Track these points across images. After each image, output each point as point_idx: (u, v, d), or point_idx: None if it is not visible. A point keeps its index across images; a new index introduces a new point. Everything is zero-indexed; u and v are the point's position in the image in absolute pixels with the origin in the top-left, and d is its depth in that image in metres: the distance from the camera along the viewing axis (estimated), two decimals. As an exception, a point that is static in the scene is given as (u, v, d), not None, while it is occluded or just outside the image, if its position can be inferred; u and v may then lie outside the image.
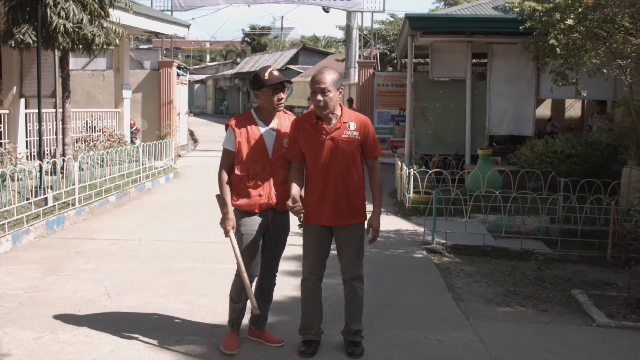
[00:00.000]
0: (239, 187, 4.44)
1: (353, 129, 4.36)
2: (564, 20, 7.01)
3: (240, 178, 4.42)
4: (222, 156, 4.51)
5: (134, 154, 11.92)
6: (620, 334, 5.36)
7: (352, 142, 4.34)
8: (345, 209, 4.38)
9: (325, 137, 4.32)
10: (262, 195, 4.42)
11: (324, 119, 4.33)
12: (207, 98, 45.44)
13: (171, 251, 7.52)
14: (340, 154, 4.31)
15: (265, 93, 4.41)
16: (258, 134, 4.44)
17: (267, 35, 49.82)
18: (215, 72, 43.51)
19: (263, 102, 4.47)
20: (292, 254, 7.38)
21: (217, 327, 5.09)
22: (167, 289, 6.06)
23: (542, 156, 10.77)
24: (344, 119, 4.37)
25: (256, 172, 4.42)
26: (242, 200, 4.43)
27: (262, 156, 4.42)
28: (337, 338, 4.83)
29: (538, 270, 7.09)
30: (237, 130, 4.41)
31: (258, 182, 4.42)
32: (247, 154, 4.40)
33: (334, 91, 4.28)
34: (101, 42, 9.83)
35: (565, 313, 5.85)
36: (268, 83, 4.38)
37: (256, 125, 4.46)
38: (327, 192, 4.34)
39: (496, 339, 5.06)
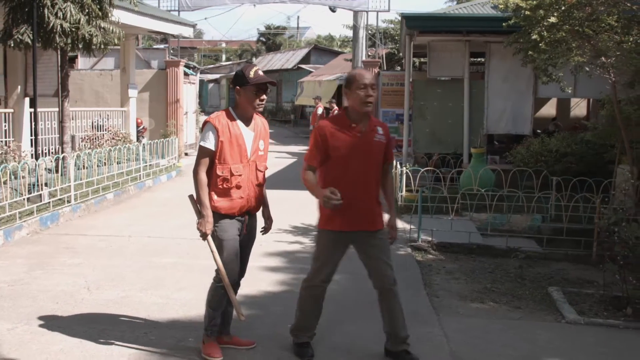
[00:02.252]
0: (219, 189, 4.27)
1: (381, 132, 4.30)
2: (547, 18, 7.03)
3: (223, 179, 4.26)
4: (200, 155, 4.30)
5: (135, 153, 12.08)
6: (588, 330, 5.39)
7: (380, 146, 4.29)
8: (368, 214, 4.30)
9: (360, 139, 4.22)
10: (243, 198, 4.31)
11: (358, 121, 4.22)
12: (221, 97, 45.67)
13: (158, 247, 7.66)
14: (371, 156, 4.26)
15: (248, 91, 4.28)
16: (239, 133, 4.32)
17: (282, 34, 50.03)
18: (229, 72, 43.75)
19: (243, 101, 4.33)
20: (272, 251, 7.54)
21: (187, 321, 5.22)
22: (146, 283, 6.19)
23: (538, 155, 10.77)
24: (374, 122, 4.31)
25: (238, 173, 4.29)
26: (222, 202, 4.28)
27: (243, 157, 4.31)
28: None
29: (519, 268, 7.12)
30: (220, 129, 4.26)
31: (240, 183, 4.29)
32: (230, 154, 4.26)
33: (376, 89, 4.24)
34: (99, 42, 9.98)
35: (538, 310, 5.89)
36: (252, 82, 4.26)
37: (237, 124, 4.33)
38: (357, 195, 4.21)
39: (461, 334, 5.11)
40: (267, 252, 7.44)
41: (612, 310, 5.85)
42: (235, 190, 4.28)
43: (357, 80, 4.19)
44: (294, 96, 31.54)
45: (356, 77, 4.23)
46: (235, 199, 4.29)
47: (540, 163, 10.65)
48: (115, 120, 15.33)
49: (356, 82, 4.20)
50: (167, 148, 14.09)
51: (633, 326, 5.49)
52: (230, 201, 4.29)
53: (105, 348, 4.59)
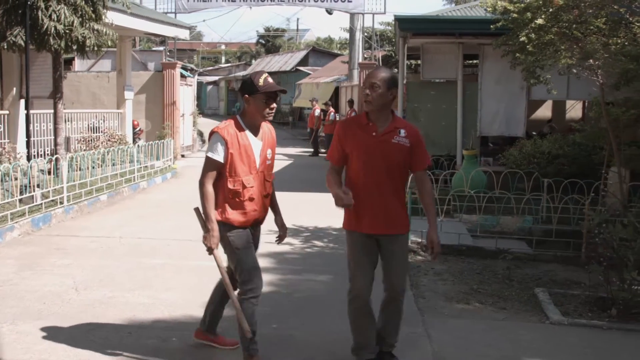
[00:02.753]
0: (232, 202, 4.13)
1: (403, 135, 4.15)
2: (534, 20, 7.08)
3: (234, 192, 4.12)
4: (207, 166, 4.12)
5: (128, 154, 12.12)
6: (571, 331, 5.42)
7: (401, 149, 4.14)
8: (390, 217, 4.17)
9: (376, 139, 4.12)
10: (256, 210, 4.20)
11: (375, 120, 4.14)
12: (220, 99, 45.78)
13: (148, 248, 7.70)
14: (388, 158, 4.12)
15: (257, 100, 4.12)
16: (248, 144, 4.16)
17: (281, 37, 50.13)
18: (228, 74, 43.89)
19: (252, 109, 4.17)
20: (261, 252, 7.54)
21: (172, 321, 5.26)
22: (133, 284, 6.22)
23: (530, 157, 10.80)
24: (396, 124, 4.19)
25: (250, 185, 4.14)
26: (236, 214, 4.14)
27: (252, 168, 4.16)
28: (293, 333, 4.96)
29: (507, 269, 7.15)
30: (229, 140, 4.09)
31: (252, 195, 4.16)
32: (240, 166, 4.11)
33: (384, 89, 4.07)
34: (92, 44, 10.03)
35: (523, 311, 5.91)
36: (262, 90, 4.10)
37: (244, 134, 4.17)
38: (372, 197, 4.13)
39: (444, 335, 5.15)
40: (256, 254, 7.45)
41: (596, 312, 5.87)
42: (248, 202, 4.16)
43: (364, 80, 4.24)
44: (292, 98, 31.61)
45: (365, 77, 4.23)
46: (248, 211, 4.17)
47: (532, 165, 10.67)
48: (112, 122, 15.38)
49: (363, 82, 4.21)
50: (163, 150, 14.12)
51: (616, 327, 5.51)
52: (244, 214, 4.16)
53: (89, 347, 4.62)
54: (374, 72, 4.20)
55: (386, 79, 4.10)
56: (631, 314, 5.72)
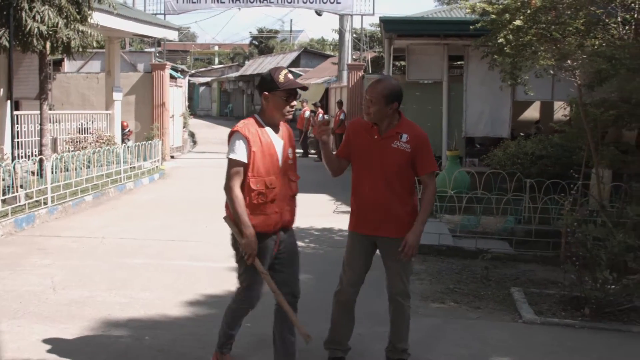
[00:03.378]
0: (254, 204, 3.89)
1: (404, 140, 4.14)
2: (513, 21, 7.14)
3: (257, 193, 3.88)
4: (232, 169, 3.89)
5: (115, 155, 12.14)
6: (543, 330, 5.47)
7: (400, 153, 4.13)
8: (386, 220, 4.19)
9: (376, 142, 4.16)
10: (278, 212, 3.95)
11: (380, 124, 4.18)
12: (212, 100, 45.82)
13: (130, 248, 7.72)
14: (385, 162, 4.14)
15: (277, 97, 3.92)
16: (270, 142, 3.95)
17: (274, 38, 50.17)
18: (221, 75, 43.93)
19: (271, 107, 3.96)
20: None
21: (147, 320, 5.29)
22: (112, 284, 6.25)
23: (514, 157, 10.87)
24: (399, 129, 4.17)
25: (273, 186, 3.91)
26: (257, 219, 3.89)
27: (275, 167, 3.95)
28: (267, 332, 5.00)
29: (485, 269, 7.20)
30: (250, 138, 3.88)
31: (275, 196, 3.93)
32: (263, 165, 3.90)
33: (382, 105, 4.08)
34: (77, 45, 10.06)
35: (498, 310, 5.97)
36: (282, 87, 3.90)
37: (266, 132, 3.97)
38: (369, 199, 4.19)
39: (415, 334, 5.15)
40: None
41: (570, 311, 5.92)
42: (271, 204, 3.92)
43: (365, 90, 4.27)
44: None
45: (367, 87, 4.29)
46: (270, 214, 3.91)
47: (516, 166, 10.73)
48: (101, 123, 15.41)
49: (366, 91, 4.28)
50: (150, 151, 14.14)
51: (589, 326, 5.57)
52: (265, 217, 3.91)
53: (62, 346, 4.66)
54: (374, 86, 4.18)
55: (385, 94, 4.10)
56: (604, 313, 5.78)
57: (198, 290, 6.12)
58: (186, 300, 5.83)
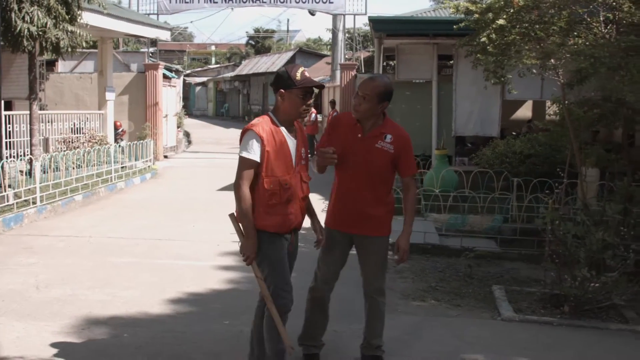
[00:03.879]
0: (268, 205, 3.80)
1: (389, 141, 4.11)
2: (495, 20, 7.18)
3: (271, 194, 3.79)
4: (242, 167, 3.79)
5: (105, 155, 12.18)
6: (521, 327, 5.50)
7: (383, 154, 4.11)
8: (365, 218, 4.18)
9: (359, 141, 4.12)
10: (292, 213, 3.88)
11: (364, 122, 4.13)
12: (208, 100, 45.87)
13: (116, 247, 7.76)
14: (368, 161, 4.11)
15: (294, 95, 3.80)
16: (284, 141, 3.85)
17: (271, 37, 50.21)
18: (217, 75, 43.98)
19: (286, 106, 3.84)
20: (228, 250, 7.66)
21: (127, 318, 5.33)
22: (95, 282, 6.30)
23: (503, 156, 10.91)
24: (383, 129, 4.14)
25: (287, 186, 3.82)
26: (273, 219, 3.81)
27: (289, 167, 3.86)
28: (241, 328, 5.05)
29: (468, 267, 7.24)
30: (265, 137, 3.77)
31: (290, 197, 3.85)
32: (278, 165, 3.80)
33: (374, 103, 4.05)
34: (66, 45, 10.10)
35: (477, 307, 6.01)
36: (300, 84, 3.79)
37: (281, 132, 3.85)
38: (349, 196, 4.17)
39: (394, 331, 5.20)
40: (222, 252, 7.56)
41: (550, 308, 5.96)
42: (286, 205, 3.84)
43: (358, 86, 4.17)
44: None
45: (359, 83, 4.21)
46: (285, 215, 3.85)
47: (505, 164, 10.78)
48: (94, 123, 15.45)
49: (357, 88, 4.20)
50: (142, 150, 14.17)
51: (567, 323, 5.61)
52: (281, 218, 3.84)
53: (41, 342, 4.71)
54: (368, 82, 4.13)
55: (379, 92, 4.06)
56: (583, 311, 5.82)
57: (180, 288, 6.15)
58: (168, 298, 5.87)
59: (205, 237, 8.29)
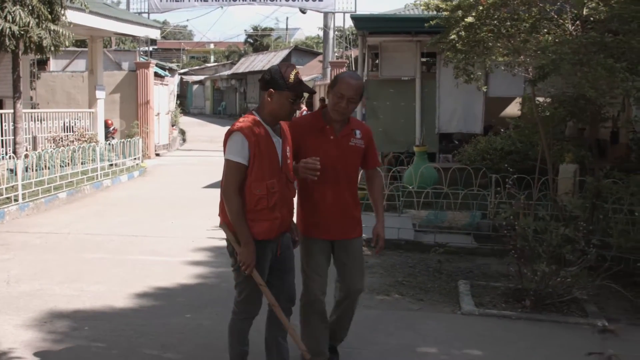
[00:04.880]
0: (255, 211, 3.65)
1: (359, 137, 4.07)
2: (464, 18, 7.24)
3: (259, 198, 3.64)
4: (230, 172, 3.63)
5: (90, 153, 12.28)
6: (479, 321, 5.58)
7: (357, 151, 4.07)
8: (350, 221, 4.12)
9: (333, 143, 3.98)
10: (279, 217, 3.73)
11: (333, 123, 4.00)
12: (206, 99, 46.01)
13: (92, 243, 7.86)
14: (346, 161, 4.02)
15: (284, 97, 3.64)
16: (271, 143, 3.71)
17: (269, 36, 50.30)
18: (214, 73, 44.09)
19: (275, 107, 3.68)
20: (202, 246, 7.75)
21: (90, 312, 5.43)
22: (66, 277, 6.40)
23: (484, 153, 10.97)
24: (352, 125, 4.07)
25: (274, 189, 3.67)
26: (260, 226, 3.66)
27: (275, 169, 3.71)
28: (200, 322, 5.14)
29: (438, 262, 7.32)
30: (252, 139, 3.62)
31: (277, 200, 3.69)
32: (264, 168, 3.64)
33: (358, 101, 3.99)
34: (49, 44, 10.20)
35: (440, 302, 6.08)
36: (292, 88, 3.65)
37: (267, 132, 3.70)
38: (334, 202, 4.01)
39: (353, 325, 5.29)
40: (196, 247, 7.66)
41: (512, 303, 6.03)
42: (273, 209, 3.68)
43: (338, 86, 3.94)
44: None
45: (338, 83, 3.97)
46: (272, 220, 3.69)
47: (486, 161, 10.84)
48: (85, 122, 15.57)
49: (336, 87, 3.95)
50: (131, 148, 14.28)
51: (525, 317, 5.68)
52: (268, 223, 3.68)
53: (1, 334, 4.80)
54: (352, 84, 3.95)
55: (361, 93, 4.00)
56: (545, 305, 5.89)
57: (149, 283, 6.25)
58: (134, 292, 5.96)
59: (182, 233, 8.39)
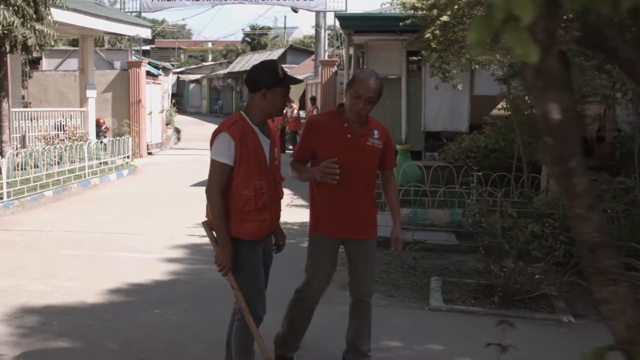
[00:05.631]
0: (242, 211, 3.61)
1: (377, 137, 4.02)
2: (440, 17, 7.32)
3: (247, 199, 3.59)
4: (215, 173, 3.59)
5: (78, 152, 12.36)
6: (447, 316, 5.65)
7: (374, 151, 4.01)
8: (365, 221, 4.09)
9: (351, 142, 3.92)
10: (268, 219, 3.69)
11: (351, 122, 3.94)
12: (202, 98, 46.10)
13: (72, 241, 7.95)
14: (362, 161, 3.96)
15: (277, 94, 3.61)
16: (258, 144, 3.65)
17: (267, 35, 50.32)
18: (211, 72, 44.16)
19: (267, 105, 3.62)
20: (181, 243, 7.83)
21: (62, 307, 5.52)
22: (41, 274, 6.48)
23: (468, 151, 11.05)
24: (370, 125, 4.01)
25: (263, 190, 3.62)
26: (248, 227, 3.62)
27: (263, 170, 3.66)
28: (169, 317, 5.21)
29: (413, 259, 7.39)
30: (239, 140, 3.56)
31: (265, 201, 3.65)
32: (252, 169, 3.59)
33: (375, 102, 3.93)
34: (33, 43, 10.28)
35: (410, 298, 6.15)
36: (284, 82, 3.62)
37: (254, 132, 3.64)
38: (349, 202, 3.94)
39: (317, 320, 5.31)
40: (174, 245, 7.73)
41: (481, 299, 6.10)
42: (261, 210, 3.64)
43: (356, 87, 3.87)
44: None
45: (355, 83, 3.90)
46: (261, 221, 3.66)
47: (470, 159, 10.91)
48: (77, 120, 15.67)
49: (354, 87, 3.88)
50: (120, 147, 14.36)
51: (492, 313, 5.73)
52: (256, 224, 3.65)
53: (-30, 330, 4.90)
54: (370, 84, 3.87)
55: (380, 92, 3.94)
56: (514, 301, 5.96)
57: (122, 279, 6.32)
58: (107, 288, 6.04)
59: (162, 230, 8.46)
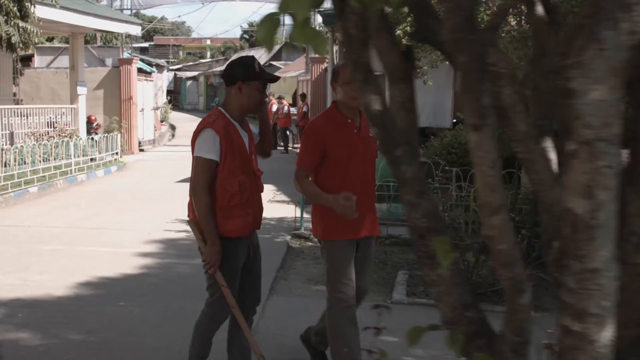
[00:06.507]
0: (228, 208, 3.55)
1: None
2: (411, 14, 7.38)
3: (231, 195, 3.54)
4: (201, 169, 3.52)
5: (65, 148, 12.47)
6: (407, 309, 5.72)
7: (375, 143, 3.85)
8: (374, 216, 3.96)
9: (358, 137, 3.79)
10: (250, 214, 3.64)
11: (352, 117, 3.79)
12: (199, 94, 46.24)
13: (49, 236, 8.05)
14: (369, 154, 3.84)
15: (254, 88, 3.57)
16: (240, 138, 3.62)
17: (265, 32, 50.24)
18: (208, 69, 44.27)
19: (244, 99, 3.58)
20: (157, 238, 7.94)
21: (30, 300, 5.62)
22: (14, 268, 6.59)
23: (450, 147, 11.11)
24: (364, 115, 3.72)
25: (246, 185, 3.60)
26: (233, 223, 3.57)
27: (245, 165, 3.62)
28: (131, 309, 5.30)
29: (384, 253, 7.49)
30: (223, 135, 3.52)
31: (248, 197, 3.62)
32: (235, 164, 3.55)
33: None
34: (17, 41, 10.38)
35: (374, 291, 6.17)
36: (260, 76, 3.58)
37: (235, 127, 3.61)
38: (363, 197, 3.71)
39: (277, 312, 5.47)
40: (149, 240, 7.84)
41: (445, 292, 6.19)
42: (245, 206, 3.61)
43: (341, 76, 3.70)
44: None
45: (339, 73, 3.75)
46: (244, 216, 3.61)
47: (452, 155, 10.97)
48: (67, 117, 15.79)
49: (340, 77, 3.73)
50: (109, 143, 14.47)
51: (454, 305, 5.84)
52: (240, 220, 3.60)
53: None
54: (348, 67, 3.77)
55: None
56: (477, 294, 6.05)
57: (93, 273, 6.42)
58: (77, 282, 6.14)
59: (140, 225, 8.57)
